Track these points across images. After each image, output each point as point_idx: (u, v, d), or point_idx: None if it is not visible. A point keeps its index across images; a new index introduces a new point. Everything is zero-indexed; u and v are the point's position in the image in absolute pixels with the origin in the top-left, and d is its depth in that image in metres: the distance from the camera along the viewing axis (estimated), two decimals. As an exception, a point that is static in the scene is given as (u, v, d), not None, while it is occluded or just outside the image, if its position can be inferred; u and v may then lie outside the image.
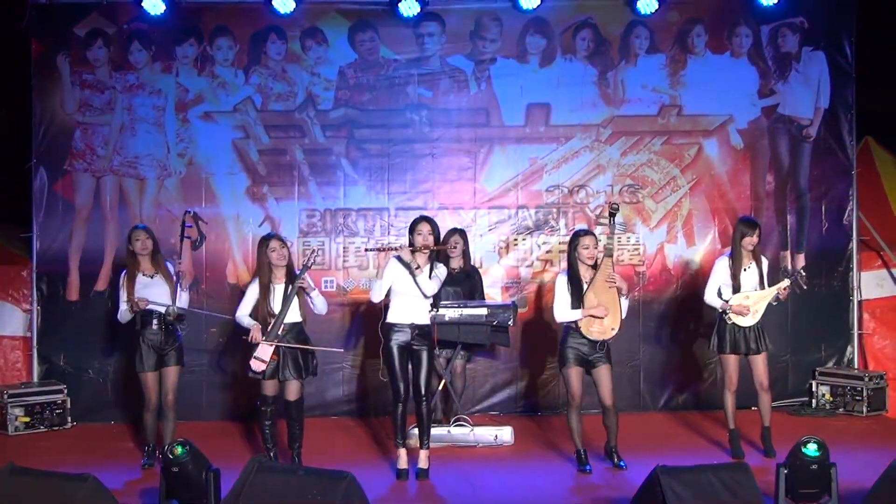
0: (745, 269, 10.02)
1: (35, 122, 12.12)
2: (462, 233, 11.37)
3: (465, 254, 11.32)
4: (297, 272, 9.53)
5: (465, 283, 11.13)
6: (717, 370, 12.24)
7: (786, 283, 10.05)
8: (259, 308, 9.53)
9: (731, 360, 10.09)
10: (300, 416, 9.67)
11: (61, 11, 12.15)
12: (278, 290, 9.51)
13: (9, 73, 12.31)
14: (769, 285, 10.06)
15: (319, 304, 9.69)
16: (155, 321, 9.82)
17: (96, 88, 12.24)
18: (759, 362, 10.07)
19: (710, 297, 10.14)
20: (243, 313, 9.65)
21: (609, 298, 9.50)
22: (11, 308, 12.18)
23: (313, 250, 10.20)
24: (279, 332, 9.40)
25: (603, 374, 9.56)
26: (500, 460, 10.26)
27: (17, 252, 12.39)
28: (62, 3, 12.14)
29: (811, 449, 7.57)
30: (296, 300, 9.49)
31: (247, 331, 9.53)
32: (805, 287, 12.16)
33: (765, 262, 10.21)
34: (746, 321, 9.95)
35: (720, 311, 10.07)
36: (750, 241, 9.99)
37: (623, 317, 9.61)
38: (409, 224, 9.75)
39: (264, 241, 9.66)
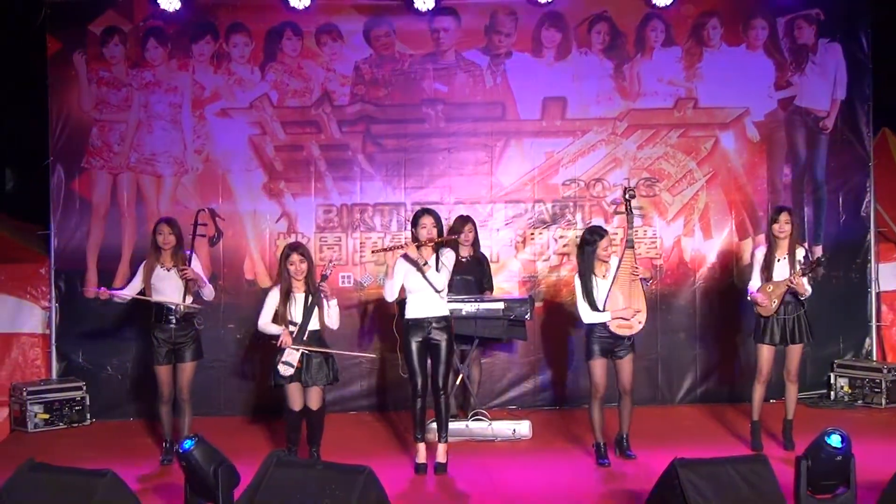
0: (777, 260, 9.92)
1: (52, 119, 12.18)
2: (472, 220, 11.44)
3: (476, 242, 11.36)
4: (318, 283, 9.53)
5: (476, 271, 11.20)
6: (734, 363, 12.26)
7: (794, 272, 9.86)
8: (279, 316, 9.52)
9: (764, 351, 10.02)
10: (321, 422, 9.63)
11: (77, 9, 12.20)
12: (298, 298, 9.50)
13: (25, 71, 12.34)
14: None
15: (334, 316, 9.63)
16: (168, 316, 9.87)
17: (113, 86, 12.29)
18: (794, 352, 10.01)
19: (752, 286, 10.07)
20: (265, 321, 9.61)
21: (634, 291, 9.52)
22: (30, 305, 12.21)
23: (329, 259, 10.16)
24: (304, 338, 9.41)
25: (626, 363, 9.63)
26: (519, 454, 10.26)
27: (35, 249, 12.43)
28: (78, 1, 12.19)
29: (835, 440, 7.53)
30: (315, 309, 9.50)
31: (271, 337, 9.55)
32: (817, 279, 12.07)
33: (800, 253, 10.00)
34: (765, 311, 9.93)
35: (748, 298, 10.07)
36: (778, 227, 9.87)
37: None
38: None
39: (286, 251, 9.61)
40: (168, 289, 9.90)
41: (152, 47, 12.29)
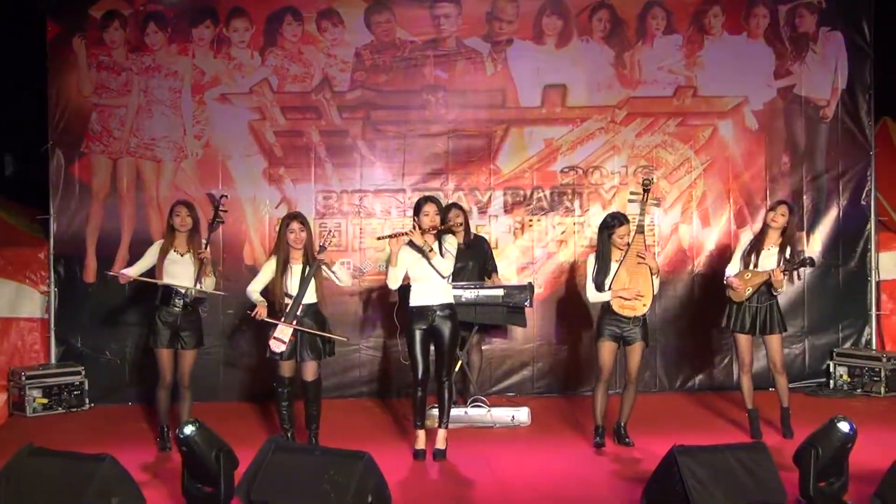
0: (767, 249, 9.94)
1: (51, 104, 12.17)
2: (458, 206, 11.41)
3: (466, 226, 11.32)
4: (316, 253, 9.53)
5: (473, 256, 11.16)
6: (732, 351, 12.24)
7: (776, 268, 9.83)
8: (275, 287, 9.52)
9: (742, 340, 10.04)
10: (318, 396, 9.67)
11: (77, -7, 12.20)
12: (295, 270, 9.50)
13: (25, 55, 12.31)
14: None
15: (343, 276, 9.72)
16: (175, 300, 9.79)
17: (112, 70, 12.27)
18: (773, 343, 10.01)
19: (730, 270, 10.11)
20: (254, 289, 9.62)
21: (641, 274, 9.54)
22: (29, 290, 12.20)
23: (329, 230, 10.24)
24: (297, 313, 9.41)
25: (635, 350, 9.67)
26: (518, 441, 10.27)
27: (34, 234, 12.42)
28: (78, -15, 12.19)
29: (844, 427, 7.50)
30: (313, 281, 9.49)
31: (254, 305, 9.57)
32: (799, 279, 11.97)
33: (789, 249, 10.00)
34: (736, 296, 9.95)
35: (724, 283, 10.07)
36: (772, 216, 9.91)
37: (655, 293, 9.71)
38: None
39: (286, 220, 9.65)
40: (180, 273, 9.79)
41: (152, 32, 12.27)
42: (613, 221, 9.70)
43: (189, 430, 7.55)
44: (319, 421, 9.69)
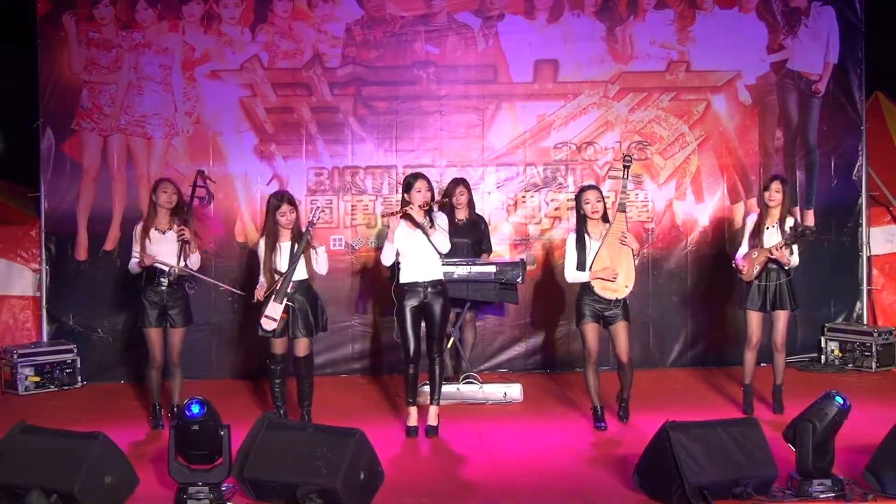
0: (767, 228, 9.87)
1: (42, 81, 12.12)
2: (465, 183, 11.34)
3: (471, 203, 11.29)
4: (304, 230, 9.50)
5: (473, 233, 11.12)
6: (725, 327, 12.26)
7: (778, 243, 9.80)
8: (265, 265, 9.50)
9: (754, 317, 9.99)
10: (310, 373, 9.67)
11: (67, -31, 12.13)
12: (284, 248, 9.48)
13: (15, 32, 12.26)
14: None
15: (322, 262, 9.62)
16: (160, 279, 9.74)
17: (103, 47, 12.22)
18: (779, 319, 9.95)
19: (740, 251, 10.06)
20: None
21: (623, 254, 9.45)
22: (20, 268, 12.21)
23: (319, 207, 10.22)
24: (288, 290, 9.39)
25: (620, 330, 9.51)
26: (510, 417, 10.26)
27: (25, 212, 12.41)
28: (68, -38, 12.11)
29: (839, 402, 7.49)
30: (302, 258, 9.47)
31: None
32: (802, 250, 11.98)
33: (789, 222, 9.90)
34: (745, 276, 9.91)
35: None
36: (768, 195, 9.84)
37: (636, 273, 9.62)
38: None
39: (275, 202, 9.56)
40: (163, 251, 9.74)
41: (142, 8, 12.21)
42: (580, 189, 9.77)
43: (198, 408, 7.49)
44: (312, 398, 9.69)
